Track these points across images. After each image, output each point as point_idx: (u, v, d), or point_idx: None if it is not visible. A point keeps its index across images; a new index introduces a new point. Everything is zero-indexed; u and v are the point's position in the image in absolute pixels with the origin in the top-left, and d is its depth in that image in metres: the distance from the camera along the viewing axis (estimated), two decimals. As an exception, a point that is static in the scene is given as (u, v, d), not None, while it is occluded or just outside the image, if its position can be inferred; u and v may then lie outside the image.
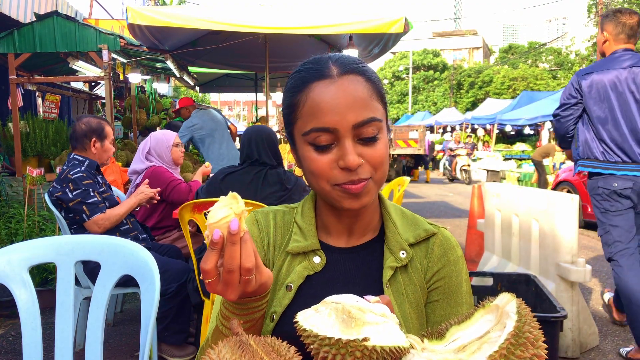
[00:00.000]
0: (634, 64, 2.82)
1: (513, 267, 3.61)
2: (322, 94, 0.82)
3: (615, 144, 2.84)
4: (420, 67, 44.93)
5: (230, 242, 0.68)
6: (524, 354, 0.60)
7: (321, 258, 0.92)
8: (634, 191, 2.82)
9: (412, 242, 0.92)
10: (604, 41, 2.97)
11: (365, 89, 0.83)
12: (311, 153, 0.84)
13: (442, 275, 0.91)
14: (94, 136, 2.86)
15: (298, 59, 0.99)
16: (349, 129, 0.81)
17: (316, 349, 0.65)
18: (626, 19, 2.87)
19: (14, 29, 5.09)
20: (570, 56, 37.50)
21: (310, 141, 0.83)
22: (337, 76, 0.83)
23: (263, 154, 2.62)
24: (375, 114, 0.83)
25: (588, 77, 2.92)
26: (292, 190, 2.56)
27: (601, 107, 2.88)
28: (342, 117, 0.80)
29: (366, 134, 0.82)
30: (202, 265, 0.69)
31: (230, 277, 0.69)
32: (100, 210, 2.70)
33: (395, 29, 4.87)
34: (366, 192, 0.84)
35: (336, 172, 0.82)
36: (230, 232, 0.68)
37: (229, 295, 0.71)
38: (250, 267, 0.70)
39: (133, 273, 1.33)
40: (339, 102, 0.81)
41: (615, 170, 2.84)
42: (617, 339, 3.26)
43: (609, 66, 2.87)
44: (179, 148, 3.46)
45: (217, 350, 0.66)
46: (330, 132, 0.81)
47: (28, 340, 1.28)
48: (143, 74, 7.69)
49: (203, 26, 4.84)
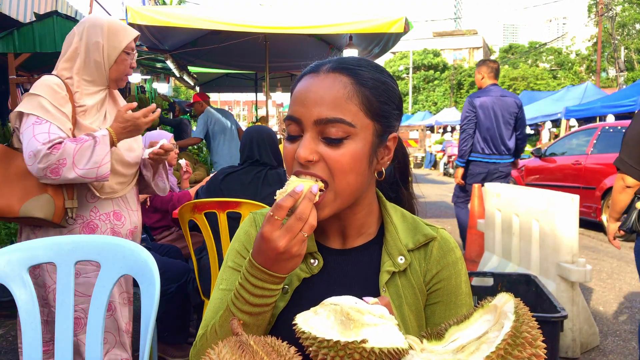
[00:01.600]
0: (500, 94, 4.67)
1: (513, 267, 3.60)
2: (301, 86, 0.85)
3: (492, 142, 4.66)
4: (420, 67, 44.93)
5: (308, 198, 0.77)
6: (521, 354, 0.60)
7: (318, 260, 0.92)
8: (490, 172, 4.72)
9: (411, 247, 0.91)
10: (481, 78, 4.77)
11: (345, 90, 0.81)
12: (285, 142, 0.87)
13: (441, 278, 0.91)
14: None
15: (298, 59, 1.00)
16: (311, 123, 0.81)
17: (315, 351, 0.65)
18: (493, 65, 4.81)
19: (13, 29, 5.09)
20: (571, 56, 37.51)
21: (286, 129, 0.87)
22: (323, 72, 0.84)
23: (264, 154, 2.61)
24: (346, 117, 0.80)
25: (478, 99, 4.67)
26: None
27: (487, 118, 4.62)
28: (307, 109, 0.82)
29: (329, 134, 0.81)
30: (280, 202, 0.75)
31: (296, 224, 0.75)
32: None
33: (396, 28, 4.87)
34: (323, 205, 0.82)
35: (295, 164, 0.84)
36: (311, 190, 0.77)
37: (281, 242, 0.74)
38: (314, 224, 0.77)
39: (133, 273, 1.33)
40: (309, 95, 0.82)
41: (488, 159, 4.72)
42: (617, 339, 3.26)
43: (487, 94, 4.67)
44: (174, 149, 3.45)
45: (217, 350, 0.66)
46: (297, 122, 0.83)
47: (28, 340, 1.28)
48: (143, 73, 7.70)
49: (203, 26, 4.84)
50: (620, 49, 26.12)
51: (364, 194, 0.89)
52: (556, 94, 18.10)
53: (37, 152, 1.69)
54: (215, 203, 2.34)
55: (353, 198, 0.86)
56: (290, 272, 0.80)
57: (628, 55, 28.71)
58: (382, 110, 0.85)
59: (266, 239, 0.75)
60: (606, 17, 22.17)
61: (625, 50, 28.23)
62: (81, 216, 1.92)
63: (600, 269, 5.03)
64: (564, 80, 34.44)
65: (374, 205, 0.95)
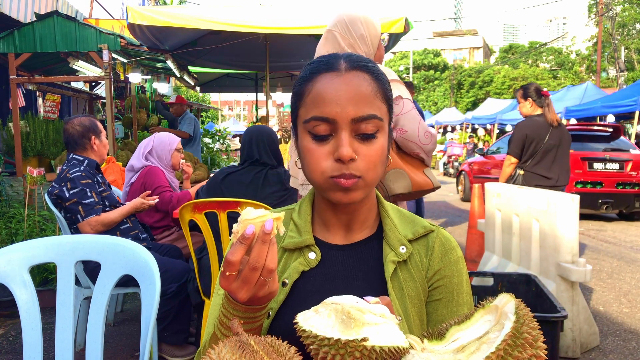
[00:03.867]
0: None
1: (513, 267, 3.60)
2: (327, 85, 0.84)
3: None
4: (420, 67, 44.93)
5: (262, 240, 0.71)
6: (522, 354, 0.60)
7: (316, 254, 0.92)
8: None
9: (410, 238, 0.92)
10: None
11: (370, 86, 0.84)
12: (309, 143, 0.85)
13: (443, 275, 0.92)
14: (92, 134, 2.87)
15: (298, 59, 1.00)
16: (347, 122, 0.82)
17: (315, 350, 0.65)
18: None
19: (14, 29, 5.10)
20: (571, 56, 37.51)
21: (310, 129, 0.84)
22: (344, 70, 0.85)
23: (263, 154, 2.61)
24: (377, 112, 0.83)
25: None
26: (293, 190, 2.56)
27: None
28: (342, 109, 0.82)
29: (364, 130, 0.83)
30: (229, 257, 0.70)
31: (252, 274, 0.71)
32: (95, 212, 2.69)
33: (396, 28, 4.87)
34: (355, 188, 0.84)
35: (330, 164, 0.83)
36: (264, 230, 0.71)
37: (241, 294, 0.72)
38: (273, 268, 0.72)
39: (133, 273, 1.33)
40: (341, 94, 0.82)
41: None
42: (617, 339, 3.26)
43: None
44: (180, 154, 3.47)
45: (218, 350, 0.66)
46: (329, 122, 0.82)
47: (28, 340, 1.28)
48: (143, 73, 7.68)
49: (203, 26, 4.85)
50: (621, 49, 26.12)
51: None
52: (556, 94, 18.07)
53: (432, 134, 2.05)
54: (216, 203, 2.34)
55: (375, 186, 0.89)
56: (269, 301, 0.78)
57: (628, 55, 28.71)
58: (392, 102, 0.90)
59: (227, 291, 0.74)
60: (606, 17, 22.17)
61: (626, 50, 28.23)
62: None
63: (600, 269, 5.03)
64: (564, 80, 34.44)
65: (375, 200, 0.97)
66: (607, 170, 7.64)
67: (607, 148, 7.77)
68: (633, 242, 6.47)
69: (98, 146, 2.90)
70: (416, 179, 2.05)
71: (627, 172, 7.59)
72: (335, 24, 2.05)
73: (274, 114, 25.03)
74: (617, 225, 7.73)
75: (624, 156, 7.69)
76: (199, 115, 19.96)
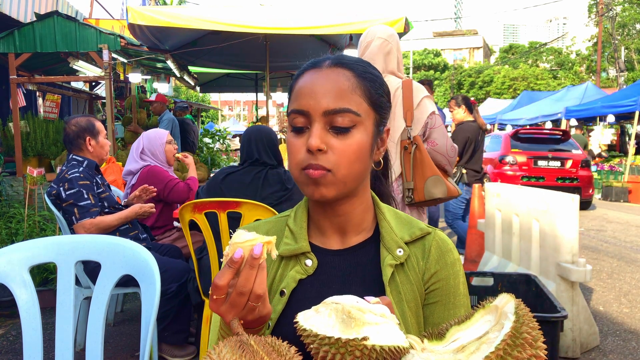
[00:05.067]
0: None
1: (513, 267, 3.60)
2: (306, 80, 0.87)
3: None
4: (420, 67, 44.94)
5: (250, 265, 0.70)
6: (521, 354, 0.60)
7: (312, 260, 0.92)
8: None
9: (407, 240, 0.92)
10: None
11: (348, 82, 0.85)
12: (290, 136, 0.87)
13: (440, 277, 0.91)
14: (87, 135, 2.83)
15: (298, 59, 1.01)
16: (319, 114, 0.83)
17: (316, 349, 0.65)
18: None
19: (14, 29, 5.10)
20: (571, 56, 37.51)
21: (290, 123, 0.87)
22: (325, 67, 0.87)
23: (263, 154, 2.61)
24: (352, 107, 0.84)
25: None
26: (293, 190, 2.56)
27: None
28: (316, 101, 0.83)
29: (338, 123, 0.83)
30: (216, 281, 0.70)
31: (239, 299, 0.71)
32: (90, 215, 2.65)
33: (396, 29, 4.87)
34: (325, 182, 0.83)
35: (302, 155, 0.84)
36: (252, 255, 0.70)
37: (228, 317, 0.72)
38: (260, 294, 0.71)
39: (133, 273, 1.33)
40: (316, 88, 0.84)
41: None
42: (617, 339, 3.26)
43: None
44: (172, 145, 3.43)
45: (218, 350, 0.66)
46: (304, 114, 0.84)
47: (28, 340, 1.28)
48: (143, 73, 7.69)
49: (203, 26, 4.85)
50: (621, 49, 26.12)
51: (363, 184, 0.92)
52: (556, 94, 18.11)
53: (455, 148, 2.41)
54: (216, 203, 2.34)
55: (356, 184, 0.88)
56: (263, 324, 0.78)
57: (628, 55, 28.70)
58: (379, 102, 0.89)
59: (215, 313, 0.74)
60: (606, 17, 22.17)
61: (626, 50, 28.22)
62: None
63: (600, 269, 5.03)
64: (564, 80, 34.43)
65: (370, 202, 0.97)
66: (550, 167, 9.14)
67: (553, 149, 9.31)
68: (633, 242, 6.47)
69: (94, 147, 2.85)
70: (449, 186, 2.31)
71: (567, 168, 9.11)
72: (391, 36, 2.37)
73: (274, 114, 25.01)
74: (617, 226, 7.74)
75: (565, 155, 9.25)
76: (199, 115, 19.98)
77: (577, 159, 9.16)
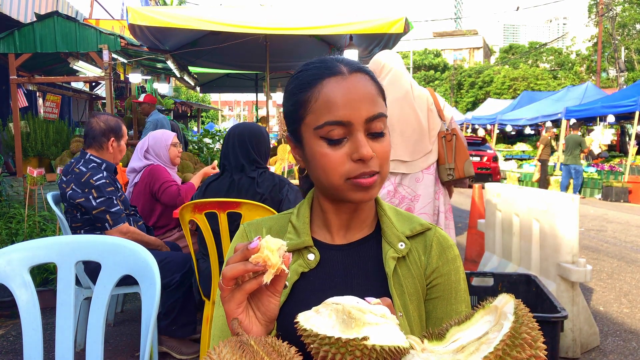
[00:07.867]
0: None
1: (514, 267, 3.60)
2: (336, 89, 0.84)
3: None
4: (421, 67, 44.95)
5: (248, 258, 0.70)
6: (520, 355, 0.60)
7: (315, 255, 0.93)
8: None
9: (408, 234, 0.94)
10: None
11: (373, 87, 0.87)
12: (324, 148, 0.85)
13: (441, 273, 0.93)
14: (113, 135, 2.79)
15: (298, 59, 1.00)
16: (361, 123, 0.84)
17: (316, 348, 0.65)
18: None
19: (14, 29, 5.10)
20: (571, 56, 37.50)
21: (323, 135, 0.84)
22: (347, 73, 0.86)
23: (232, 159, 2.52)
24: (383, 110, 0.86)
25: None
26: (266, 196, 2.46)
27: None
28: (356, 111, 0.83)
29: (375, 128, 0.85)
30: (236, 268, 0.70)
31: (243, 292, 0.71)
32: (122, 220, 2.66)
33: (396, 29, 4.88)
34: (374, 185, 0.86)
35: (349, 166, 0.84)
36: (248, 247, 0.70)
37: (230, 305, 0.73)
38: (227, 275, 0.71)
39: (133, 273, 1.33)
40: (352, 97, 0.84)
41: None
42: (617, 339, 3.26)
43: None
44: (177, 148, 3.46)
45: (218, 350, 0.66)
46: (344, 125, 0.83)
47: (28, 341, 1.28)
48: (143, 74, 7.70)
49: (203, 27, 4.85)
50: (621, 49, 26.12)
51: None
52: (556, 94, 18.09)
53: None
54: (216, 203, 2.34)
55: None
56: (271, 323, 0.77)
57: (628, 56, 28.69)
58: (385, 101, 0.92)
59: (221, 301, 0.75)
60: (606, 17, 22.18)
61: (626, 51, 28.21)
62: None
63: (600, 269, 5.03)
64: (564, 81, 34.40)
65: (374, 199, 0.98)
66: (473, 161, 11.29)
67: (475, 149, 13.73)
68: (633, 242, 6.47)
69: (114, 149, 2.81)
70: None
71: (484, 162, 13.60)
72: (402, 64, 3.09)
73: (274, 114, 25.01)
74: (617, 226, 7.74)
75: (482, 153, 13.79)
76: (199, 115, 19.97)
77: (490, 155, 13.86)
